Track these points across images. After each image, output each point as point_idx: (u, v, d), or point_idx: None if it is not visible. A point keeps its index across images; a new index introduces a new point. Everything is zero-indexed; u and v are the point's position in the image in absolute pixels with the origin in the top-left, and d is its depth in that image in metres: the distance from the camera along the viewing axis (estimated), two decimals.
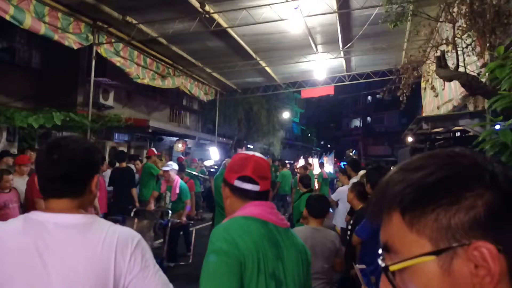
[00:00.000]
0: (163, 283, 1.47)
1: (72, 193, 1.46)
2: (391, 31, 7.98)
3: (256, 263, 1.53)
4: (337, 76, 15.82)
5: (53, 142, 1.48)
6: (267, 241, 1.60)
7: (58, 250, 1.35)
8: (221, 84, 16.78)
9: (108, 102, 12.28)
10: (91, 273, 1.35)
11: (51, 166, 1.42)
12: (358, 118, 47.78)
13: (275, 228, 1.69)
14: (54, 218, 1.40)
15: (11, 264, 1.31)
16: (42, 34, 7.81)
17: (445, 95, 8.68)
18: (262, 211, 1.69)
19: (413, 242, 0.61)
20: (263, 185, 1.74)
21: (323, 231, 3.63)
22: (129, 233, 1.49)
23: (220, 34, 10.75)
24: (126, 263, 1.41)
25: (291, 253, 1.70)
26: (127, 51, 10.78)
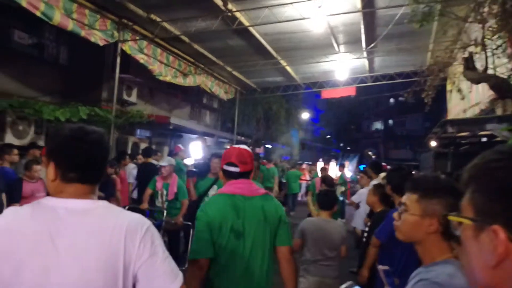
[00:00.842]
0: (172, 270, 1.50)
1: (92, 179, 1.53)
2: (416, 32, 7.92)
3: (218, 222, 2.36)
4: (359, 77, 15.72)
5: (80, 130, 1.53)
6: (229, 207, 2.42)
7: (69, 235, 1.39)
8: (241, 83, 16.85)
9: (131, 98, 12.48)
10: (102, 258, 1.39)
11: (81, 154, 1.48)
12: (379, 121, 47.23)
13: (241, 197, 2.48)
14: (65, 203, 1.44)
15: (24, 249, 1.34)
16: (70, 30, 8.01)
17: (472, 98, 8.56)
18: (233, 187, 2.52)
19: (467, 207, 0.82)
20: (242, 167, 2.55)
21: (332, 222, 4.21)
22: (139, 219, 1.53)
23: (242, 33, 10.82)
24: (135, 249, 1.44)
25: (251, 213, 2.45)
26: (150, 49, 10.93)
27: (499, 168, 0.77)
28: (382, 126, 46.87)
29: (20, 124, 9.09)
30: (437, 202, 1.53)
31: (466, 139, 9.12)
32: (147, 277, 1.45)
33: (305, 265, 4.11)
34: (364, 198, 6.13)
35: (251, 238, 2.42)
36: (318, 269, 4.04)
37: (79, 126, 1.55)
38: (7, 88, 9.72)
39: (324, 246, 4.05)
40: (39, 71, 10.81)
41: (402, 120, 43.55)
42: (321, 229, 4.09)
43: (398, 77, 14.78)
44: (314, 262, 4.05)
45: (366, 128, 49.07)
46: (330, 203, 4.27)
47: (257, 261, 2.42)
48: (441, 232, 1.52)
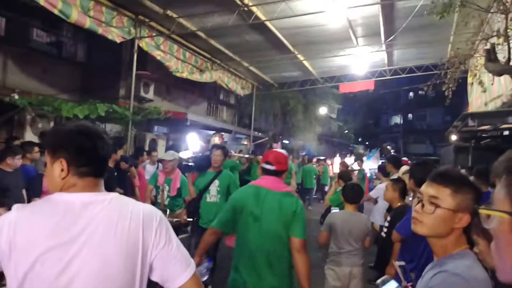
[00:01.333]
0: (186, 257, 1.58)
1: (101, 172, 1.58)
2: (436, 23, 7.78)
3: (241, 206, 3.07)
4: (377, 71, 15.57)
5: (84, 126, 1.57)
6: (252, 196, 3.07)
7: (88, 227, 1.43)
8: (258, 79, 16.84)
9: (148, 95, 12.58)
10: (121, 248, 1.44)
11: (91, 147, 1.52)
12: (398, 115, 46.71)
13: (265, 190, 3.07)
14: (80, 197, 1.48)
15: (43, 243, 1.37)
16: (87, 27, 8.12)
17: (494, 90, 8.40)
18: (262, 181, 3.16)
19: (502, 200, 0.81)
20: (277, 166, 3.17)
21: (357, 216, 4.31)
22: (152, 208, 1.60)
23: (258, 28, 10.80)
24: (152, 237, 1.50)
25: (269, 204, 3.02)
26: (167, 45, 11.00)
27: None
28: (401, 121, 46.33)
29: (39, 122, 9.27)
30: (470, 197, 1.52)
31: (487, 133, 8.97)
32: (163, 264, 1.52)
33: (333, 256, 4.23)
34: (382, 193, 6.09)
35: (265, 223, 3.00)
36: (346, 259, 4.17)
37: (81, 122, 1.60)
38: (27, 86, 9.94)
39: (351, 238, 4.17)
40: (58, 69, 11.01)
41: (422, 114, 43.01)
42: (348, 222, 4.20)
43: (417, 70, 14.60)
44: (341, 253, 4.17)
45: (385, 122, 48.58)
46: (356, 197, 4.35)
47: (269, 241, 2.97)
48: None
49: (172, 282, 1.53)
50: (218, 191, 5.55)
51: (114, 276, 1.42)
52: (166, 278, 1.53)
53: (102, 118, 9.32)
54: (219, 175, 5.59)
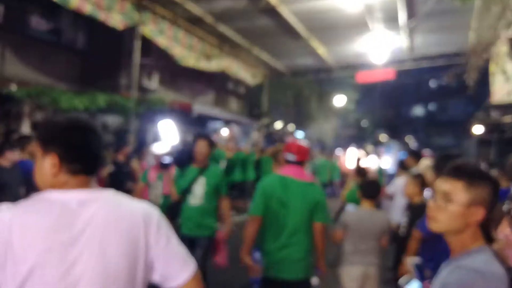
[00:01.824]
0: (186, 255, 1.64)
1: (94, 169, 1.59)
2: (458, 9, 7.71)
3: (270, 193, 3.65)
4: (397, 59, 15.41)
5: (84, 121, 1.59)
6: (278, 184, 3.68)
7: (87, 226, 1.45)
8: (269, 67, 16.77)
9: (152, 85, 12.63)
10: (122, 247, 1.48)
11: (84, 143, 1.53)
12: (419, 106, 46.30)
13: (290, 179, 3.69)
14: (75, 195, 1.49)
15: (40, 246, 1.37)
16: (88, 14, 8.14)
17: None
18: (286, 171, 3.79)
19: None
20: (298, 156, 3.78)
21: (375, 213, 4.37)
22: (151, 207, 1.64)
23: (270, 12, 10.72)
24: (153, 234, 1.55)
25: (295, 191, 3.66)
26: (172, 31, 10.98)
27: None
28: (423, 112, 45.89)
29: (38, 114, 9.37)
30: (486, 191, 1.54)
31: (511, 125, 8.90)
32: (164, 262, 1.57)
33: (347, 256, 4.27)
34: (399, 189, 6.08)
35: (291, 208, 3.63)
36: (361, 259, 4.21)
37: (74, 116, 1.62)
38: (25, 75, 10.04)
39: (367, 236, 4.21)
40: (56, 57, 11.11)
41: (444, 105, 42.51)
42: (364, 221, 4.26)
43: (439, 59, 14.44)
44: (356, 252, 4.21)
45: (405, 113, 48.14)
46: (374, 192, 4.41)
47: (294, 224, 3.63)
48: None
49: (173, 281, 1.57)
50: (205, 192, 4.75)
51: (117, 276, 1.45)
52: (166, 277, 1.57)
53: (103, 109, 9.38)
54: (206, 171, 4.79)
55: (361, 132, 36.08)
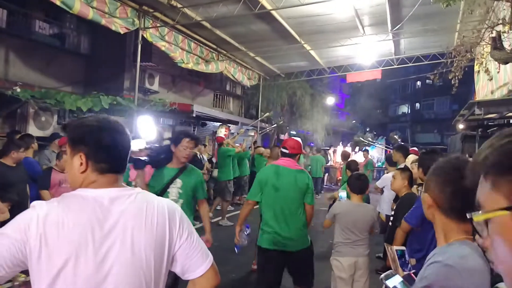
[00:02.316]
0: (205, 249, 1.65)
1: (122, 168, 1.58)
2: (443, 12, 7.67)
3: (265, 180, 4.11)
4: (384, 60, 15.43)
5: (105, 120, 1.56)
6: (273, 173, 4.15)
7: (118, 222, 1.45)
8: (265, 69, 16.77)
9: (153, 87, 12.57)
10: (150, 241, 1.48)
11: (120, 143, 1.54)
12: (406, 104, 46.51)
13: (283, 168, 4.17)
14: (106, 193, 1.49)
15: (74, 240, 1.37)
16: (90, 18, 8.09)
17: (500, 78, 8.30)
18: (279, 162, 4.27)
19: (493, 199, 0.73)
20: (291, 150, 4.22)
21: (363, 206, 4.30)
22: (173, 203, 1.66)
23: (264, 17, 10.72)
24: (177, 229, 1.57)
25: (286, 177, 4.12)
26: (172, 36, 10.96)
27: None
28: (409, 110, 46.12)
29: (42, 115, 9.28)
30: (430, 179, 1.57)
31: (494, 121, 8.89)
32: (186, 255, 1.58)
33: (338, 247, 4.25)
34: (388, 183, 6.07)
35: (284, 192, 4.10)
36: (351, 250, 4.19)
37: (103, 116, 1.60)
38: (29, 78, 9.92)
39: (356, 228, 4.18)
40: (61, 61, 10.97)
41: (429, 103, 42.78)
42: (352, 214, 4.22)
43: (424, 59, 14.47)
44: (346, 244, 4.19)
45: (393, 112, 48.35)
46: (362, 187, 4.32)
47: (288, 205, 4.11)
48: (455, 212, 1.50)
49: (192, 273, 1.59)
50: (180, 194, 4.08)
51: (146, 268, 1.47)
52: (186, 269, 1.59)
53: (106, 110, 9.32)
54: (183, 171, 4.11)
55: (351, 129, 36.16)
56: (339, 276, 4.19)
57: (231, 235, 8.31)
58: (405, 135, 41.12)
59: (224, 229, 9.29)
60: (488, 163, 0.74)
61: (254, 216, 4.84)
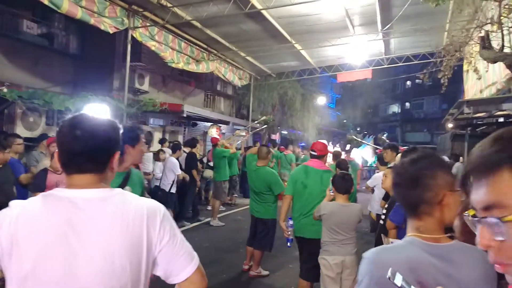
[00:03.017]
0: (190, 251, 1.57)
1: (96, 169, 1.50)
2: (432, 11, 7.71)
3: (296, 178, 4.98)
4: (375, 60, 15.50)
5: (75, 118, 1.51)
6: (302, 172, 5.00)
7: (91, 223, 1.40)
8: (256, 69, 16.77)
9: (143, 87, 12.48)
10: (125, 244, 1.41)
11: (74, 142, 1.45)
12: (396, 104, 46.79)
13: (311, 168, 4.95)
14: (81, 194, 1.44)
15: (45, 241, 1.34)
16: (79, 18, 8.02)
17: (489, 78, 8.37)
18: (309, 162, 5.10)
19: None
20: (318, 152, 5.02)
21: (348, 206, 4.34)
22: (156, 204, 1.57)
23: (255, 17, 10.71)
24: (156, 232, 1.48)
25: (313, 177, 4.87)
26: (162, 35, 10.92)
27: None
28: (399, 109, 46.40)
29: (30, 116, 9.17)
30: None
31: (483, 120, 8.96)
32: (168, 259, 1.51)
33: (325, 246, 4.30)
34: (379, 182, 6.10)
35: (311, 189, 4.84)
36: (338, 249, 4.23)
37: (77, 115, 1.54)
38: (17, 79, 9.72)
39: (342, 229, 4.22)
40: (49, 61, 10.82)
41: (419, 103, 43.07)
42: (338, 214, 4.25)
43: (414, 59, 14.55)
44: (333, 243, 4.24)
45: (383, 111, 48.61)
46: (346, 187, 4.32)
47: (314, 199, 4.75)
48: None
49: (176, 277, 1.52)
50: None
51: (120, 273, 1.40)
52: (170, 273, 1.52)
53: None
54: (129, 178, 3.14)
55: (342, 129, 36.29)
56: (327, 274, 4.23)
57: (222, 235, 8.48)
58: (395, 134, 41.42)
59: (215, 230, 9.26)
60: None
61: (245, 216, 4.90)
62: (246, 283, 6.06)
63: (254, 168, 6.35)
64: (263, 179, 6.15)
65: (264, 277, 6.21)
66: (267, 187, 6.09)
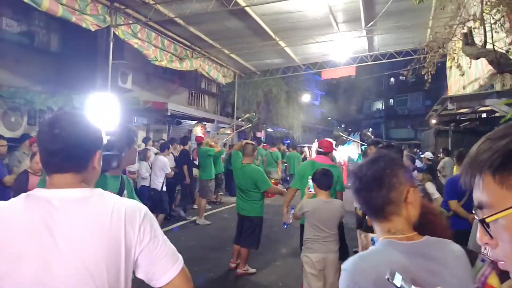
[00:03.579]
0: (173, 253, 1.51)
1: (75, 168, 1.47)
2: (415, 8, 7.77)
3: (303, 173, 5.23)
4: (359, 57, 15.56)
5: (55, 117, 1.48)
6: (309, 167, 5.28)
7: (67, 224, 1.37)
8: (240, 66, 16.73)
9: (126, 85, 12.37)
10: (102, 245, 1.38)
11: (53, 141, 1.42)
12: (380, 101, 47.18)
13: (318, 163, 5.21)
14: (59, 194, 1.42)
15: (20, 241, 1.32)
16: (59, 16, 7.90)
17: (472, 74, 8.49)
18: (316, 158, 5.72)
19: (504, 197, 0.74)
20: (325, 149, 5.59)
21: (330, 203, 4.35)
22: (136, 204, 1.52)
23: (238, 14, 10.68)
24: (136, 234, 1.44)
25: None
26: (144, 33, 10.82)
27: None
28: (383, 106, 46.81)
29: (12, 115, 9.03)
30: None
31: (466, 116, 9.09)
32: (149, 261, 1.46)
33: (308, 243, 4.31)
34: None
35: None
36: (320, 246, 4.24)
37: (56, 114, 1.51)
38: None
39: (325, 226, 4.23)
40: (30, 59, 10.61)
41: (403, 100, 43.50)
42: (321, 211, 4.25)
43: (398, 56, 14.68)
44: (315, 240, 4.25)
45: (367, 108, 48.99)
46: (328, 183, 4.34)
47: None
48: (374, 211, 1.49)
49: (158, 279, 1.46)
50: None
51: (97, 275, 1.36)
52: (152, 275, 1.47)
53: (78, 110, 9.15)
54: (124, 183, 2.90)
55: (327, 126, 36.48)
56: (310, 272, 4.25)
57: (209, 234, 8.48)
58: (379, 131, 41.75)
59: (202, 228, 9.24)
60: (496, 163, 0.75)
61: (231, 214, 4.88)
62: (233, 281, 6.06)
63: (240, 165, 6.32)
64: (249, 176, 6.14)
65: (251, 274, 6.22)
66: (254, 184, 6.10)
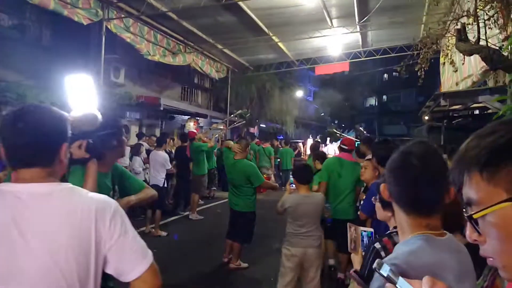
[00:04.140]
0: (143, 248, 1.51)
1: (41, 162, 1.44)
2: (409, 4, 7.79)
3: (331, 169, 5.65)
4: (352, 52, 15.61)
5: (18, 110, 1.44)
6: (337, 163, 5.75)
7: (36, 219, 1.36)
8: (233, 61, 16.69)
9: (119, 80, 12.28)
10: (72, 240, 1.37)
11: (18, 135, 1.39)
12: (373, 97, 47.28)
13: (344, 160, 5.73)
14: (27, 188, 1.39)
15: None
16: (51, 9, 7.86)
17: (465, 70, 8.51)
18: (340, 155, 6.03)
19: (492, 193, 0.75)
20: (349, 146, 5.97)
21: (310, 197, 4.39)
22: (106, 199, 1.52)
23: (232, 8, 10.65)
24: (106, 229, 1.43)
25: (347, 168, 5.58)
26: (137, 27, 10.75)
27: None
28: (376, 102, 46.94)
29: (3, 110, 8.94)
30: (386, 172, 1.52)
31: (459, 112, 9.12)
32: (118, 256, 1.46)
33: (288, 237, 4.37)
34: None
35: (344, 178, 5.54)
36: (300, 241, 4.30)
37: (20, 107, 1.47)
38: None
39: (306, 220, 4.28)
40: (22, 53, 10.44)
41: (396, 96, 43.63)
42: (302, 206, 4.31)
43: (391, 51, 14.72)
44: (296, 235, 4.31)
45: (361, 104, 49.06)
46: (307, 177, 4.41)
47: (347, 187, 5.53)
48: (412, 206, 1.42)
49: (128, 275, 1.46)
50: None
51: (66, 270, 1.35)
52: (121, 271, 1.47)
53: None
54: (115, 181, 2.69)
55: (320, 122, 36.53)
56: (288, 266, 4.30)
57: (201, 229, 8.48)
58: (372, 127, 41.89)
59: (194, 223, 9.25)
60: (483, 160, 0.76)
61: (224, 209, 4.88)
62: (225, 276, 6.08)
63: (233, 161, 6.31)
64: (243, 171, 6.12)
65: (243, 269, 6.24)
66: (246, 179, 6.08)
